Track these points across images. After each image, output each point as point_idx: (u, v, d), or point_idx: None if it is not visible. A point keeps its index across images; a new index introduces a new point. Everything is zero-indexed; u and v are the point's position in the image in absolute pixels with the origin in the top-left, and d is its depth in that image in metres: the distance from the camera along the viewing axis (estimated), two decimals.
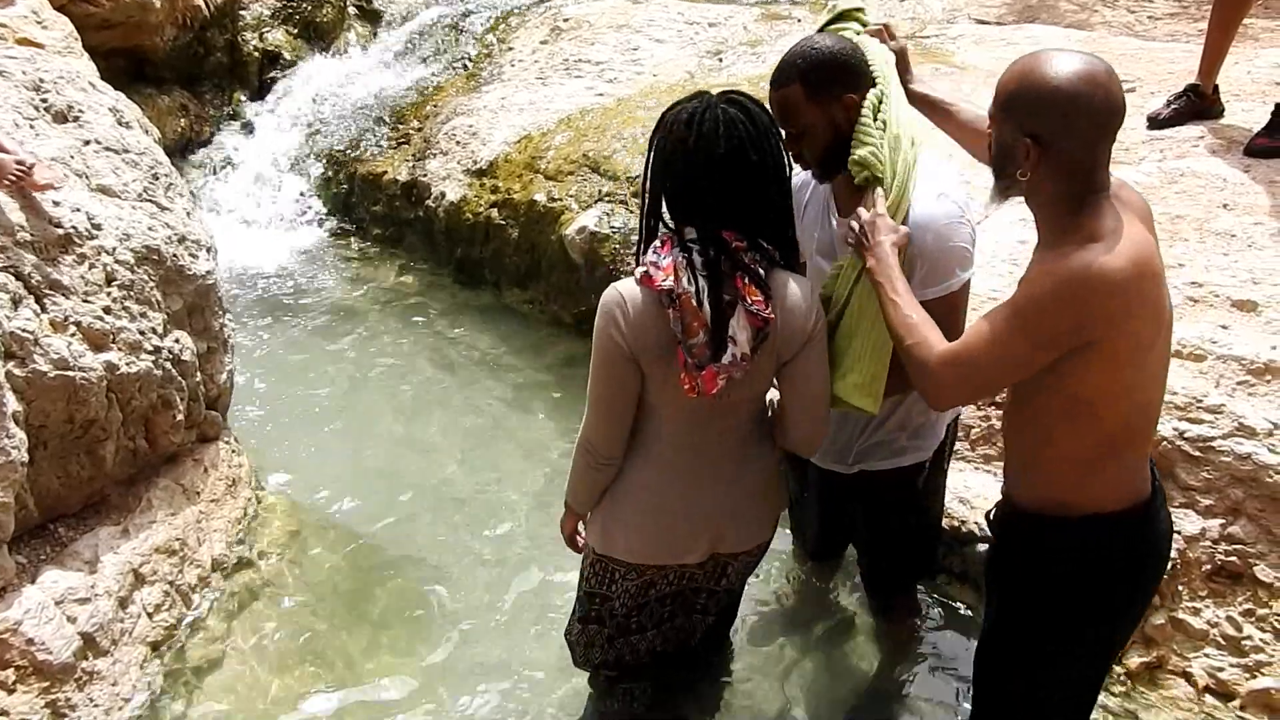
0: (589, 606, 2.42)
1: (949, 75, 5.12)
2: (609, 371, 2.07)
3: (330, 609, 3.32)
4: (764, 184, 2.03)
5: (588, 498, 2.28)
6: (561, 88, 6.15)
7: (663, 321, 1.98)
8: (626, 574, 2.29)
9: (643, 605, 2.37)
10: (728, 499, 2.22)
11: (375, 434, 4.32)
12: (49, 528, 2.98)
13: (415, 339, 5.16)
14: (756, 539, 2.33)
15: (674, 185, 2.03)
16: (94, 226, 3.08)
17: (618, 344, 2.02)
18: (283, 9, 7.49)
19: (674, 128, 2.00)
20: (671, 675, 2.67)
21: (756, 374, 2.07)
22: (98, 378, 2.94)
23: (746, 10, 6.87)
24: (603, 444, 2.16)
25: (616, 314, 2.01)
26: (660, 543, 2.24)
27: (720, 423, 2.15)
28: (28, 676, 2.59)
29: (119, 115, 3.57)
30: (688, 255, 1.98)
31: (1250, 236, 3.47)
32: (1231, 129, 4.18)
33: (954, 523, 3.13)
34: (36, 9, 4.20)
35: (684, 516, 2.21)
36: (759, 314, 1.97)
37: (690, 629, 2.48)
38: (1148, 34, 5.72)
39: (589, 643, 2.50)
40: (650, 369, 2.05)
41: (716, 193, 1.98)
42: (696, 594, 2.41)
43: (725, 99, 2.01)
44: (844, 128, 2.19)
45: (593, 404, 2.14)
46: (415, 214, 6.00)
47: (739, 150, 1.97)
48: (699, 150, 1.96)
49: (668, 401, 2.10)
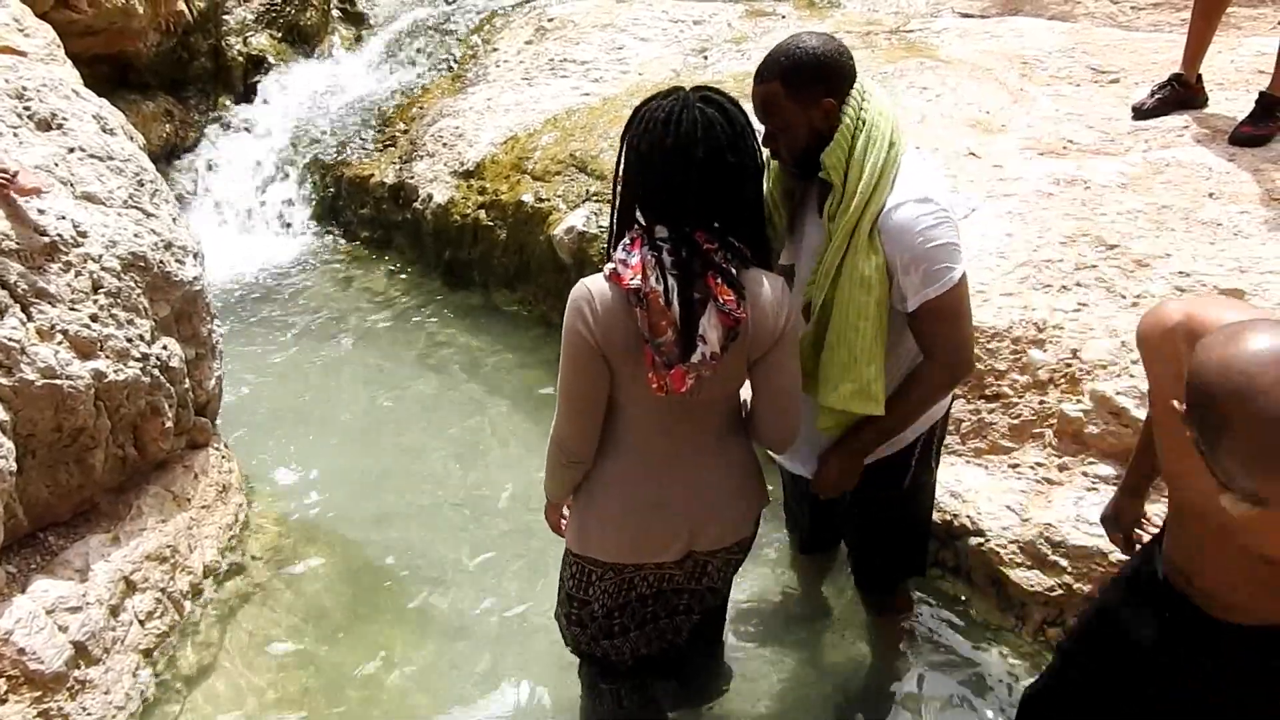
0: (569, 608, 2.41)
1: (934, 69, 5.13)
2: (577, 368, 2.06)
3: (322, 615, 3.31)
4: (740, 184, 2.01)
5: (564, 492, 2.29)
6: (547, 88, 6.14)
7: (630, 319, 1.97)
8: (604, 574, 2.28)
9: (623, 606, 2.35)
10: (702, 496, 2.20)
11: (365, 438, 4.31)
12: (39, 536, 2.96)
13: (404, 342, 5.15)
14: (734, 536, 2.30)
15: (649, 185, 2.00)
16: (79, 234, 3.06)
17: (585, 340, 2.01)
18: (266, 13, 7.45)
19: (650, 126, 1.96)
20: (661, 677, 2.65)
21: (727, 372, 2.05)
22: (85, 386, 2.92)
23: (731, 7, 6.86)
24: (573, 442, 2.15)
25: (585, 309, 2.00)
26: (635, 541, 2.22)
27: (691, 420, 2.14)
28: (20, 686, 2.58)
29: (103, 122, 3.55)
30: (657, 254, 1.96)
31: (1236, 225, 3.48)
32: (1216, 118, 4.20)
33: (946, 517, 3.13)
34: (18, 16, 4.17)
35: (657, 514, 2.19)
36: (731, 313, 1.95)
37: (675, 629, 2.47)
38: (1131, 24, 5.73)
39: (575, 639, 2.50)
40: (618, 366, 2.04)
41: (693, 194, 1.96)
42: (678, 594, 2.39)
43: (702, 98, 1.99)
44: (821, 130, 2.19)
45: (562, 401, 2.12)
46: (403, 216, 5.99)
47: (717, 152, 1.95)
48: (676, 151, 1.94)
49: (637, 399, 2.09)
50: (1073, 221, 3.65)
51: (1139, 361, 3.04)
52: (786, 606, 3.26)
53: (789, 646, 3.10)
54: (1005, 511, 3.07)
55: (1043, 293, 3.41)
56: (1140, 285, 3.32)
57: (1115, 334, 3.18)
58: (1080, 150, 4.16)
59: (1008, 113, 4.65)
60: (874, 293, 2.20)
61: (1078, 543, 2.90)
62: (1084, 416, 3.08)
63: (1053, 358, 3.23)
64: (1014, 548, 3.01)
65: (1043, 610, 2.97)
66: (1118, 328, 3.19)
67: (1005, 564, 3.00)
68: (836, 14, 6.66)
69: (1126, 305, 3.28)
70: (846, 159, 2.17)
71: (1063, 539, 2.92)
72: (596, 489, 2.21)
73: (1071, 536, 2.92)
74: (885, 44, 5.74)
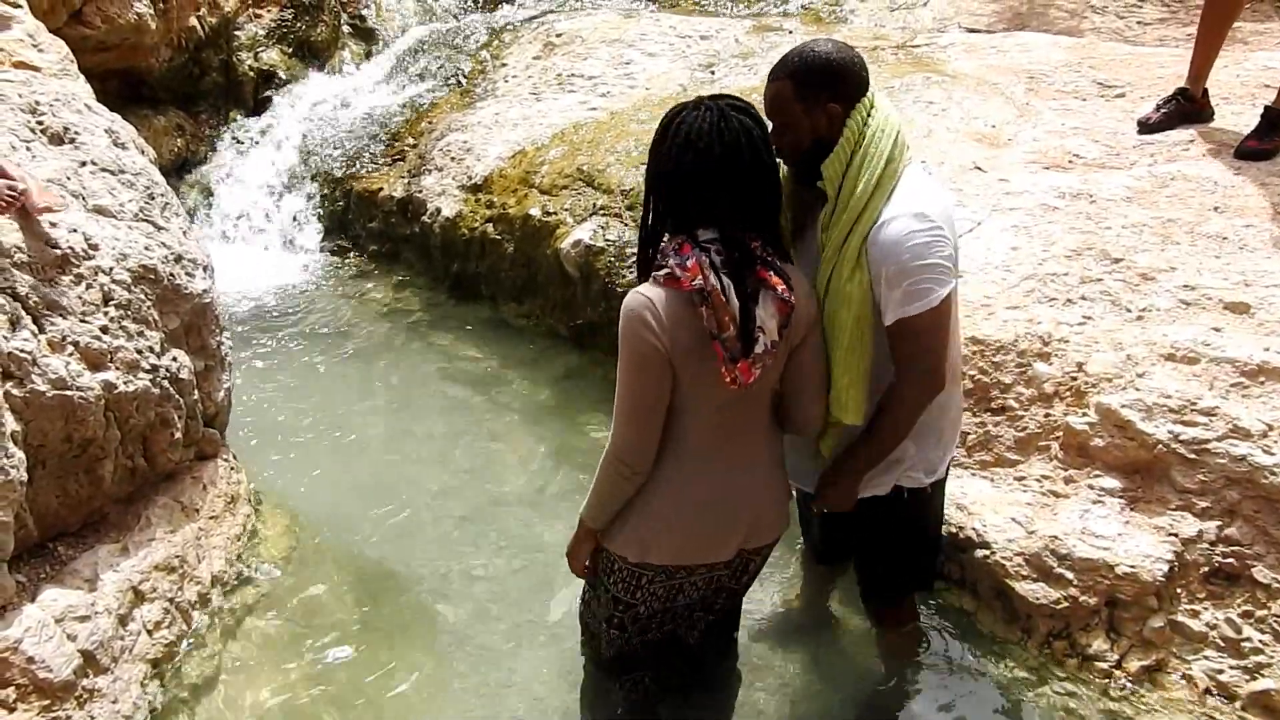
0: (612, 611, 2.43)
1: (940, 84, 5.15)
2: (644, 377, 2.09)
3: (330, 625, 3.32)
4: (775, 184, 2.14)
5: (607, 515, 2.29)
6: (555, 102, 6.18)
7: (695, 320, 2.04)
8: (654, 578, 2.30)
9: (669, 609, 2.39)
10: (756, 490, 2.28)
11: (373, 449, 4.33)
12: (49, 546, 2.98)
13: (412, 354, 5.17)
14: (778, 529, 2.38)
15: (698, 193, 2.08)
16: (91, 247, 3.09)
17: (654, 346, 2.05)
18: (277, 28, 7.52)
19: (694, 137, 2.05)
20: (671, 674, 2.66)
21: (775, 363, 2.15)
22: (96, 397, 2.94)
23: (738, 23, 6.91)
24: (637, 455, 2.17)
25: (647, 317, 2.04)
26: (696, 542, 2.26)
27: (742, 416, 2.21)
28: (28, 695, 2.59)
29: (115, 136, 3.59)
30: (707, 254, 2.04)
31: (1242, 239, 3.49)
32: (1221, 132, 4.21)
33: (952, 529, 3.13)
34: (32, 32, 4.21)
35: (716, 512, 2.25)
36: (786, 299, 2.06)
37: (693, 624, 2.52)
38: (1137, 39, 5.76)
39: (611, 642, 2.51)
40: (682, 370, 2.09)
41: (743, 196, 2.07)
42: (718, 594, 2.45)
43: (732, 107, 2.08)
44: (824, 134, 2.23)
45: (626, 414, 2.14)
46: (411, 230, 6.02)
47: (758, 158, 2.07)
48: (724, 159, 2.04)
49: (696, 401, 2.14)
50: (1078, 235, 3.66)
51: (1145, 375, 3.06)
52: (793, 617, 3.26)
53: (796, 657, 3.10)
54: (1011, 524, 3.07)
55: (1048, 306, 3.42)
56: (1145, 299, 3.33)
57: (1120, 347, 3.18)
58: (1086, 164, 4.17)
59: (1013, 127, 4.66)
60: (853, 309, 2.24)
61: (1084, 555, 2.89)
62: (1089, 429, 3.08)
63: (1058, 371, 3.23)
64: (1020, 560, 3.00)
65: (1049, 623, 2.96)
66: (1123, 341, 3.20)
67: (1011, 576, 3.00)
68: (843, 29, 6.70)
69: (1132, 319, 3.28)
70: (843, 171, 2.20)
71: (1069, 551, 2.92)
72: (654, 497, 2.23)
73: (1078, 549, 2.91)
74: (892, 59, 5.77)
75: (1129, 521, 2.95)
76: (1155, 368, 3.08)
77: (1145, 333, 3.20)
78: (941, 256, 2.19)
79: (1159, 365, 3.09)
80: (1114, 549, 2.88)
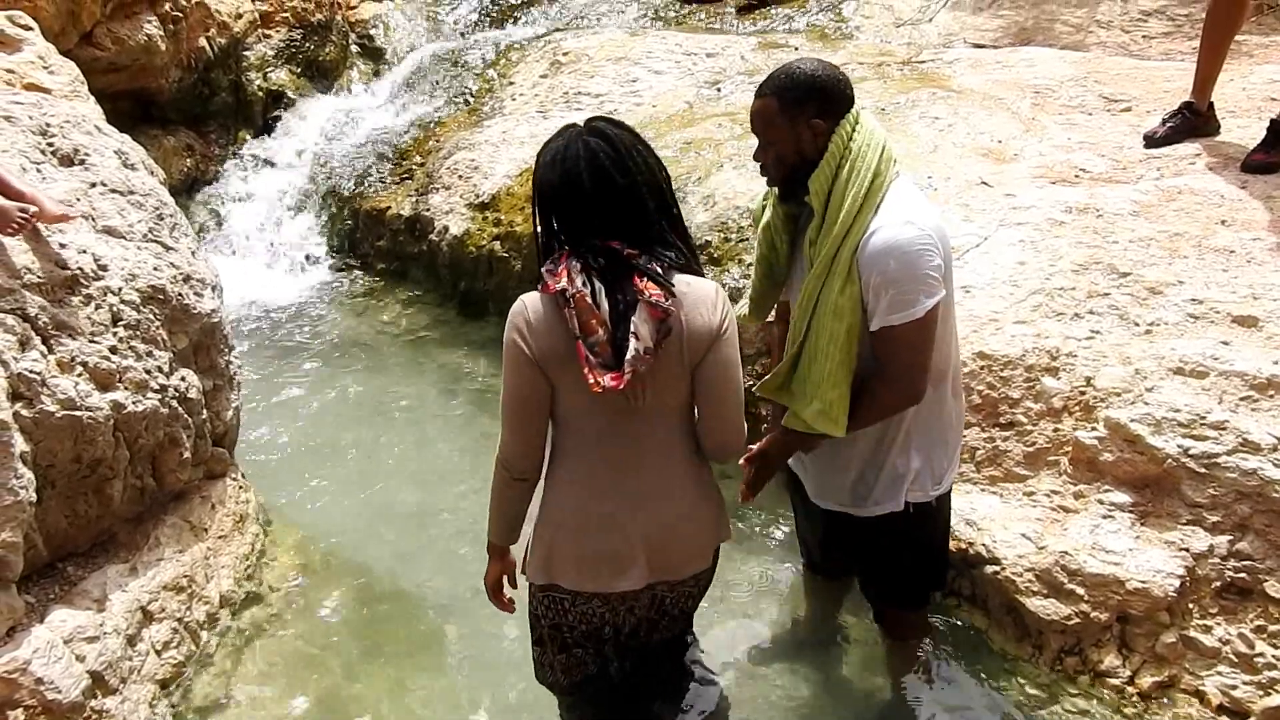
0: (531, 626, 2.44)
1: (946, 99, 5.16)
2: (516, 379, 2.12)
3: (339, 644, 3.31)
4: (638, 200, 2.09)
5: (507, 527, 2.30)
6: (562, 121, 6.18)
7: (562, 323, 2.05)
8: (574, 602, 2.29)
9: (591, 634, 2.36)
10: (649, 511, 2.19)
11: (382, 468, 4.33)
12: (57, 566, 2.99)
13: (421, 373, 5.18)
14: (693, 565, 2.29)
15: (558, 218, 2.13)
16: (100, 267, 3.11)
17: (521, 350, 2.08)
18: (286, 48, 7.58)
19: (543, 171, 2.11)
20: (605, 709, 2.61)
21: (668, 379, 2.10)
22: (105, 417, 2.96)
23: (744, 40, 6.93)
24: (516, 457, 2.19)
25: (519, 321, 2.10)
26: (594, 564, 2.21)
27: (636, 433, 2.16)
28: (37, 716, 2.59)
29: (124, 157, 3.62)
30: (583, 261, 2.06)
31: (1249, 252, 3.48)
32: (1228, 145, 4.20)
33: (961, 545, 3.12)
34: (43, 54, 4.26)
35: (607, 528, 2.19)
36: (659, 304, 2.02)
37: (602, 658, 2.47)
38: (1143, 53, 5.75)
39: (535, 660, 2.51)
40: (557, 376, 2.10)
41: (593, 216, 2.08)
42: (639, 628, 2.38)
43: (589, 129, 2.11)
44: (808, 151, 2.25)
45: (504, 416, 2.18)
46: (419, 248, 6.04)
47: (604, 178, 2.06)
48: (566, 186, 2.08)
49: (579, 410, 2.14)
50: (1085, 249, 3.65)
51: (1153, 389, 3.05)
52: (800, 633, 3.25)
53: (803, 674, 3.08)
54: (1021, 539, 3.06)
55: (1055, 320, 3.41)
56: (1153, 313, 3.32)
57: (1129, 361, 3.17)
58: (1092, 178, 4.17)
59: (1020, 142, 4.67)
60: (845, 321, 2.25)
61: (1094, 571, 2.88)
62: (1099, 444, 3.07)
63: (1066, 385, 3.22)
64: (1030, 576, 2.99)
65: (1060, 639, 2.94)
66: (1131, 355, 3.19)
67: (1021, 592, 2.98)
68: (850, 45, 6.71)
69: (1140, 333, 3.27)
70: (829, 186, 2.22)
71: (1079, 567, 2.91)
72: (549, 505, 2.23)
73: (1088, 565, 2.90)
74: (898, 75, 5.78)
75: (1139, 536, 2.93)
76: (1164, 382, 3.07)
77: (1153, 347, 3.19)
78: (930, 267, 2.20)
79: (1168, 379, 3.08)
80: (1125, 564, 2.87)
